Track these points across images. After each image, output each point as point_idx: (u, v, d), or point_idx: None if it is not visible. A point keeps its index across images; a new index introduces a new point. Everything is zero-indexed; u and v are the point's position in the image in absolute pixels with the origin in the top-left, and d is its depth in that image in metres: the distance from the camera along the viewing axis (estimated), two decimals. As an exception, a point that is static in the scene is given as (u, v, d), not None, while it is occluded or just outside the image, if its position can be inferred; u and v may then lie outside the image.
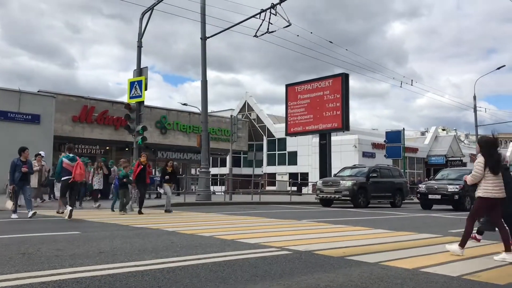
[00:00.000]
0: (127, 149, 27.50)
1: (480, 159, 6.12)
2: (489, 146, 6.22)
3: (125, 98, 19.91)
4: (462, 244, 6.12)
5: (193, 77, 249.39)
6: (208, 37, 19.89)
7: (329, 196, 19.79)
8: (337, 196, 19.41)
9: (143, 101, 17.24)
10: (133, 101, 17.22)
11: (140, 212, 12.52)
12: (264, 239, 7.32)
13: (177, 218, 11.49)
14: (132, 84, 17.18)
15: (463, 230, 6.17)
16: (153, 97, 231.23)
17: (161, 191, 13.88)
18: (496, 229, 6.34)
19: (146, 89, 16.86)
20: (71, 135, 25.31)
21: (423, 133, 64.07)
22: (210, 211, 14.70)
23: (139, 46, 17.78)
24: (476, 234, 7.77)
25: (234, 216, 12.57)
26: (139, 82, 16.92)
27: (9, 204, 11.01)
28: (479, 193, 6.11)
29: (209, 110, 24.18)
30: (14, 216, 10.48)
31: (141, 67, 17.67)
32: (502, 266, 5.41)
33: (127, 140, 24.50)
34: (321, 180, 21.42)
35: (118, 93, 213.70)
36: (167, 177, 13.92)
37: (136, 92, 16.94)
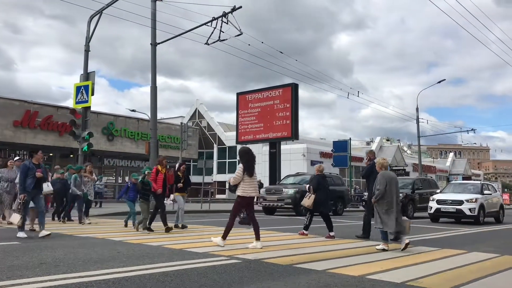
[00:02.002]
0: (71, 155, 26.61)
1: (240, 165, 7.66)
2: (245, 155, 7.76)
3: (69, 103, 19.35)
4: (224, 236, 7.52)
5: (140, 82, 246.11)
6: (159, 43, 19.64)
7: (272, 204, 19.79)
8: (279, 204, 19.44)
9: (89, 107, 16.77)
10: (79, 106, 16.72)
11: (169, 229, 10.10)
12: (213, 248, 7.27)
13: (123, 228, 11.19)
14: (78, 88, 16.69)
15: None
16: (98, 102, 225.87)
17: (168, 202, 11.06)
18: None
19: (92, 94, 16.42)
20: (12, 140, 24.21)
21: (368, 143, 66.00)
22: (158, 219, 14.41)
23: (87, 50, 17.30)
24: (303, 231, 9.99)
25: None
26: (86, 87, 16.47)
27: (16, 219, 8.60)
28: (239, 192, 7.59)
29: (158, 117, 23.82)
30: (21, 234, 8.44)
31: (88, 71, 17.20)
32: (441, 272, 5.64)
33: (72, 146, 23.73)
34: (264, 188, 21.48)
35: (61, 97, 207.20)
36: (179, 184, 11.19)
37: (82, 97, 16.46)
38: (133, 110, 39.58)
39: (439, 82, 38.14)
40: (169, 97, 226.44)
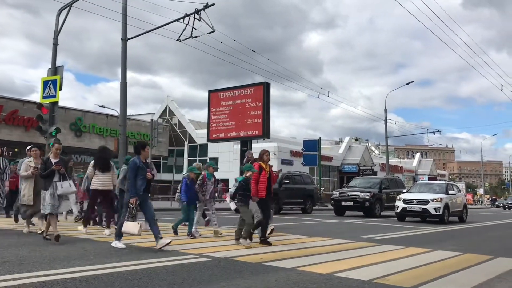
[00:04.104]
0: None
1: (92, 162, 9.26)
2: (97, 153, 9.32)
3: (34, 97, 18.90)
4: (85, 224, 9.10)
5: (108, 77, 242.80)
6: (129, 38, 19.36)
7: None
8: None
9: (57, 102, 16.39)
10: (47, 101, 16.33)
11: (266, 242, 7.89)
12: (182, 246, 7.24)
13: (91, 226, 10.98)
14: (45, 83, 16.28)
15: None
16: (64, 96, 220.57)
17: (232, 206, 9.06)
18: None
19: (60, 89, 16.06)
20: (-26, 135, 23.42)
21: (337, 143, 66.73)
22: (127, 217, 14.21)
23: (55, 44, 16.88)
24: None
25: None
26: (54, 82, 16.08)
27: (135, 228, 6.96)
28: (91, 186, 9.05)
29: (127, 113, 23.49)
30: (119, 244, 7.01)
31: (56, 65, 16.80)
32: (407, 270, 5.77)
33: (38, 142, 23.03)
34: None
35: (26, 91, 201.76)
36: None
37: (50, 91, 16.07)
38: (102, 106, 38.79)
39: (408, 84, 38.78)
40: (138, 92, 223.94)
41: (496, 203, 66.62)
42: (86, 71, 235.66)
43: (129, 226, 6.98)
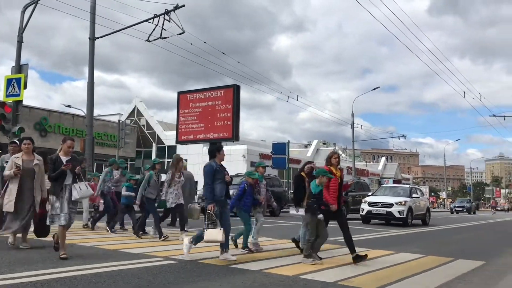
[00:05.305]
0: (0, 151, 25.16)
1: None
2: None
3: (-1, 96, 18.19)
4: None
5: (74, 75, 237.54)
6: (98, 38, 19.06)
7: None
8: None
9: (21, 101, 15.97)
10: (10, 99, 15.88)
11: (359, 257, 6.63)
12: (149, 248, 7.17)
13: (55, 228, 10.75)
14: (9, 81, 15.83)
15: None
16: (28, 95, 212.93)
17: (297, 212, 7.35)
18: None
19: (25, 87, 15.65)
20: None
21: (306, 146, 67.37)
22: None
23: (19, 41, 16.45)
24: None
25: (118, 226, 12.08)
26: (18, 80, 15.65)
27: (218, 234, 6.25)
28: None
29: (94, 113, 23.06)
30: (227, 256, 6.43)
31: (21, 63, 16.37)
32: (371, 272, 5.89)
33: (1, 142, 22.46)
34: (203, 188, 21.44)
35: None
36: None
37: (13, 90, 15.64)
38: (68, 106, 37.90)
39: (374, 89, 39.68)
40: (104, 92, 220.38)
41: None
42: (50, 69, 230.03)
43: (212, 234, 6.31)
